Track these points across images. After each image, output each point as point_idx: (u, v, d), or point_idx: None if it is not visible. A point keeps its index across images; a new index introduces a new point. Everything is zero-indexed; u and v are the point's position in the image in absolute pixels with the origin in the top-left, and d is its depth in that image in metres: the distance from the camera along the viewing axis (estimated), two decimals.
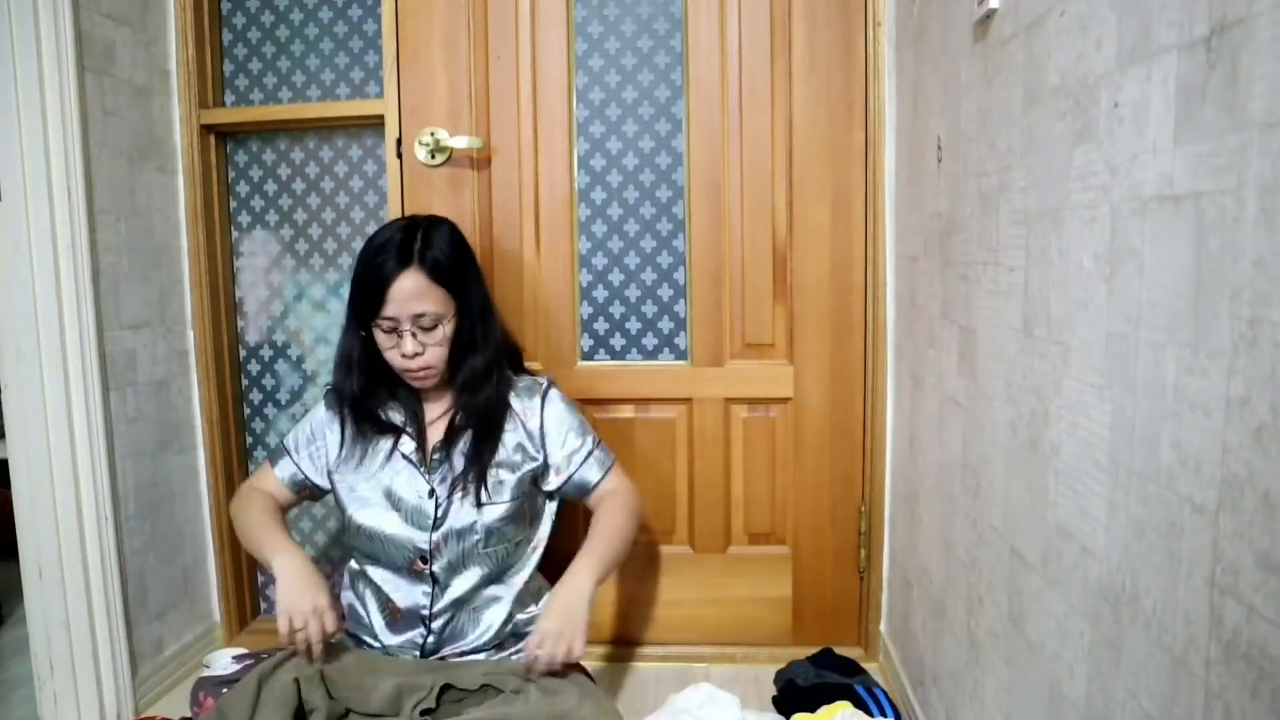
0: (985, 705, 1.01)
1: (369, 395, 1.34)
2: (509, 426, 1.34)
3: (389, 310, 1.25)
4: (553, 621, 1.20)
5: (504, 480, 1.31)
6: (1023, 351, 0.88)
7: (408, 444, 1.32)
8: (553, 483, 1.36)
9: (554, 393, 1.39)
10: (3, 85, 1.33)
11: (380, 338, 1.29)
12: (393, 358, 1.29)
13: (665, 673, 1.62)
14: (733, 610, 1.68)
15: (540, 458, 1.35)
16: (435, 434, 1.34)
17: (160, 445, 1.62)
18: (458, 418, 1.33)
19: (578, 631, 1.20)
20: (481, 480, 1.29)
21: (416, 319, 1.26)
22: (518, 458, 1.33)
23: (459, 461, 1.30)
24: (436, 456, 1.31)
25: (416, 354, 1.26)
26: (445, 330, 1.28)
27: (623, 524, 1.34)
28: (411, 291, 1.25)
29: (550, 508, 1.39)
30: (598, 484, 1.37)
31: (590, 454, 1.37)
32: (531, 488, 1.35)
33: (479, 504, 1.28)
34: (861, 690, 1.36)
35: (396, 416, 1.34)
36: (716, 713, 1.33)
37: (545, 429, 1.35)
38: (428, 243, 1.28)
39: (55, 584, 1.42)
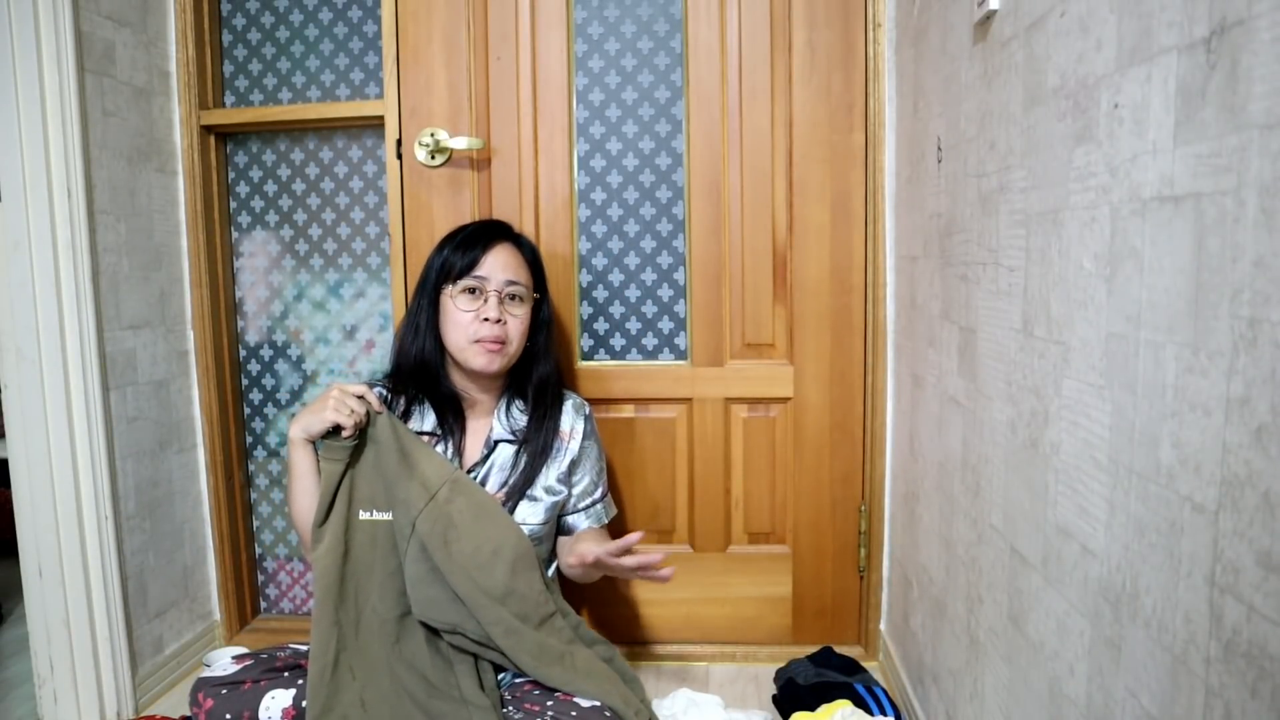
0: (985, 703, 1.01)
1: (425, 376, 1.31)
2: (556, 447, 1.35)
3: (482, 269, 1.27)
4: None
5: (540, 500, 1.32)
6: (1023, 351, 0.88)
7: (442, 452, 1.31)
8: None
9: (593, 421, 1.42)
10: (3, 85, 1.33)
11: (460, 302, 1.28)
12: (467, 325, 1.27)
13: (665, 671, 1.62)
14: (733, 609, 1.68)
15: (567, 490, 1.37)
16: (472, 448, 1.34)
17: (160, 445, 1.62)
18: (506, 431, 1.33)
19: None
20: (519, 501, 1.31)
21: (508, 285, 1.28)
22: (558, 485, 1.35)
23: (497, 478, 1.31)
24: (472, 473, 1.31)
25: (499, 320, 1.26)
26: (525, 313, 1.31)
27: None
28: (507, 260, 1.30)
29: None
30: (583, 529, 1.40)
31: (595, 504, 1.40)
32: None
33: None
34: (861, 689, 1.36)
35: (429, 423, 1.33)
36: (700, 715, 1.33)
37: (579, 460, 1.38)
38: (521, 236, 1.38)
39: (55, 583, 1.42)
